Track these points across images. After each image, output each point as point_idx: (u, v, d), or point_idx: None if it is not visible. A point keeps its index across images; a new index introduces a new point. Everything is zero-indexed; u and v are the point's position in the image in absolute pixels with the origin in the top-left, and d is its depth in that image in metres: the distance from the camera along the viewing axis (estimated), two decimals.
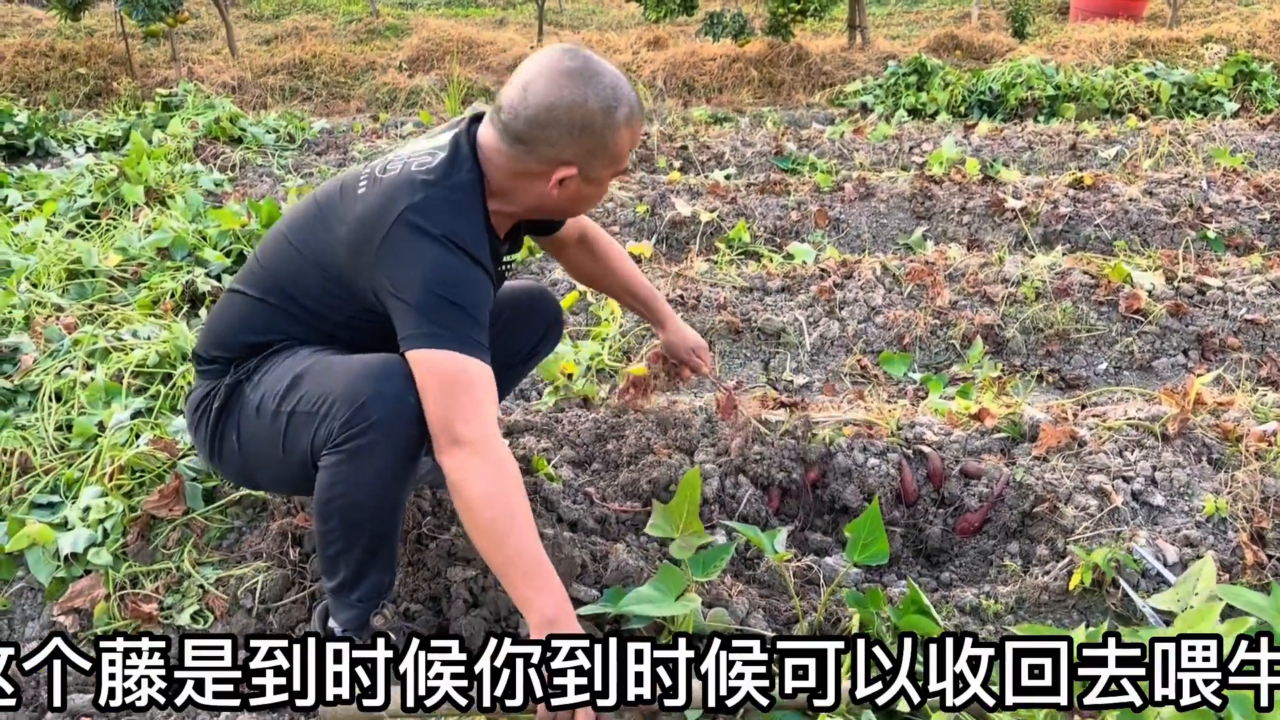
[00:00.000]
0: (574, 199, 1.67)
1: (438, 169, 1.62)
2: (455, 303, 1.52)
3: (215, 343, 1.73)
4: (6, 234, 3.29)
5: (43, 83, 7.03)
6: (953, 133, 5.17)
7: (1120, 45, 7.43)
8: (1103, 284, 3.02)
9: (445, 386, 1.49)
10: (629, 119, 1.61)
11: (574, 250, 2.09)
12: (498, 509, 1.46)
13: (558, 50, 1.60)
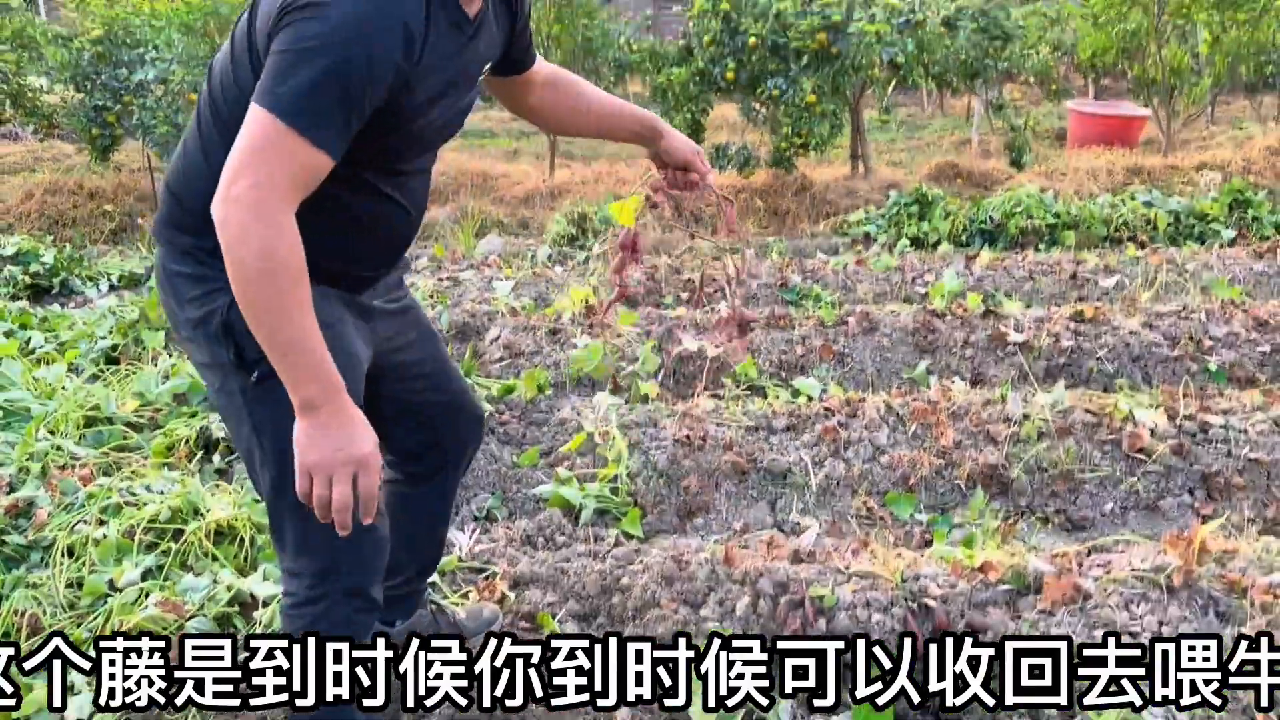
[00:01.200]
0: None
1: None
2: (336, 69, 1.36)
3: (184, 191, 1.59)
4: (28, 378, 3.37)
5: (70, 219, 7.26)
6: (954, 263, 5.28)
7: (1117, 172, 7.63)
8: (1105, 423, 3.04)
9: (250, 149, 1.36)
10: None
11: (543, 91, 1.93)
12: (264, 283, 1.37)
13: None
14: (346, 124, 1.41)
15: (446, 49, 1.53)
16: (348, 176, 1.52)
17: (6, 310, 4.37)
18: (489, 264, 5.94)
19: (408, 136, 1.58)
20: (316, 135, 1.38)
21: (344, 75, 1.37)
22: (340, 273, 1.65)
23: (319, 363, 1.41)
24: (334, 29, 1.37)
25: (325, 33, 1.36)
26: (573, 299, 4.65)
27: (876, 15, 6.91)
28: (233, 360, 1.53)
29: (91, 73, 7.35)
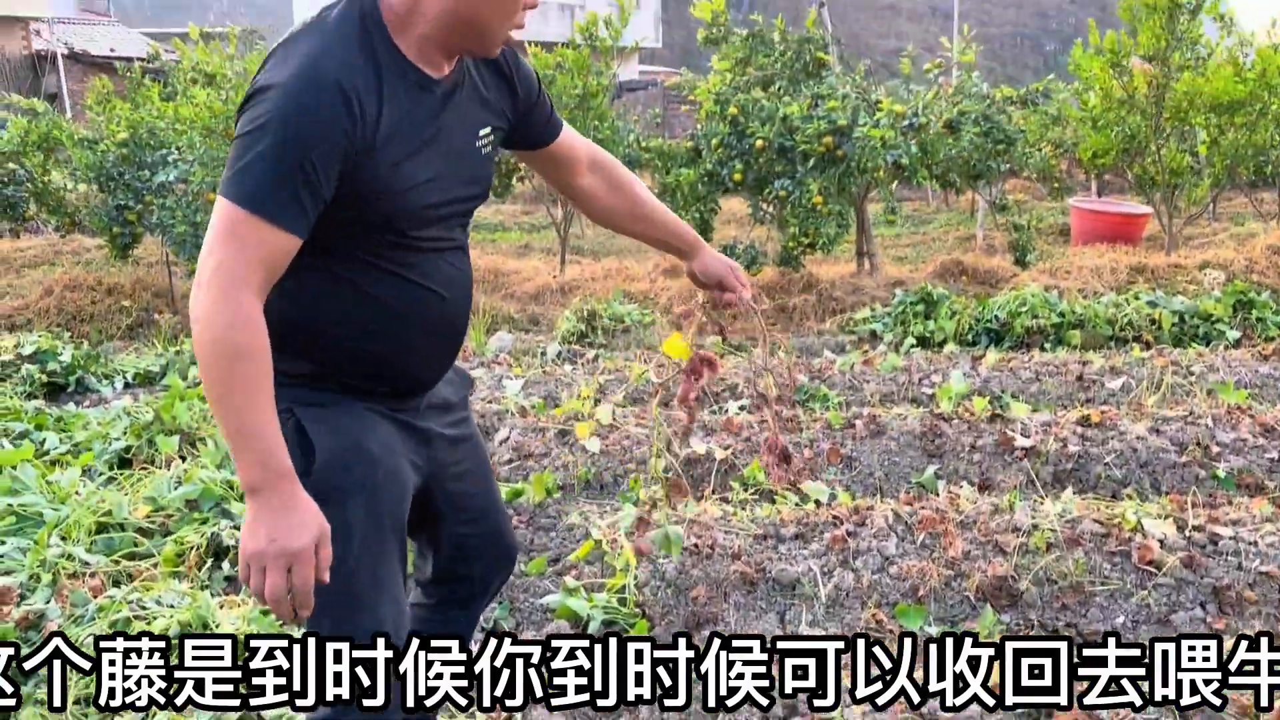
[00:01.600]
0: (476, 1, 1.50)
1: (302, 22, 1.55)
2: (278, 145, 1.39)
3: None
4: (42, 482, 3.40)
5: (87, 315, 7.38)
6: (961, 364, 5.32)
7: (1121, 270, 7.71)
8: (1114, 533, 3.04)
9: (212, 238, 1.41)
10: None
11: (588, 179, 1.92)
12: (216, 367, 1.39)
13: None
14: (303, 198, 1.43)
15: (412, 111, 1.54)
16: (354, 256, 1.56)
17: (23, 411, 4.42)
18: (499, 361, 6.01)
19: (399, 205, 1.56)
20: (273, 215, 1.41)
21: (289, 150, 1.40)
22: (378, 376, 1.64)
23: (266, 448, 1.42)
24: (275, 108, 1.41)
25: (268, 112, 1.41)
26: (582, 397, 4.70)
27: (881, 120, 7.08)
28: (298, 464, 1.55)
29: (115, 173, 7.56)
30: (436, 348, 1.71)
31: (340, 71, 1.44)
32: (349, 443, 1.58)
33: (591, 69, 8.26)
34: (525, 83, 1.78)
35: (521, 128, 1.80)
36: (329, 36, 1.48)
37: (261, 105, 1.42)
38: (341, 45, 1.48)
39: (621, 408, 4.65)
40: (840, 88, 7.61)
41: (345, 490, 1.57)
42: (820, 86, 7.82)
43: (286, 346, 1.56)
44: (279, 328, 1.53)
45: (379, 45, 1.50)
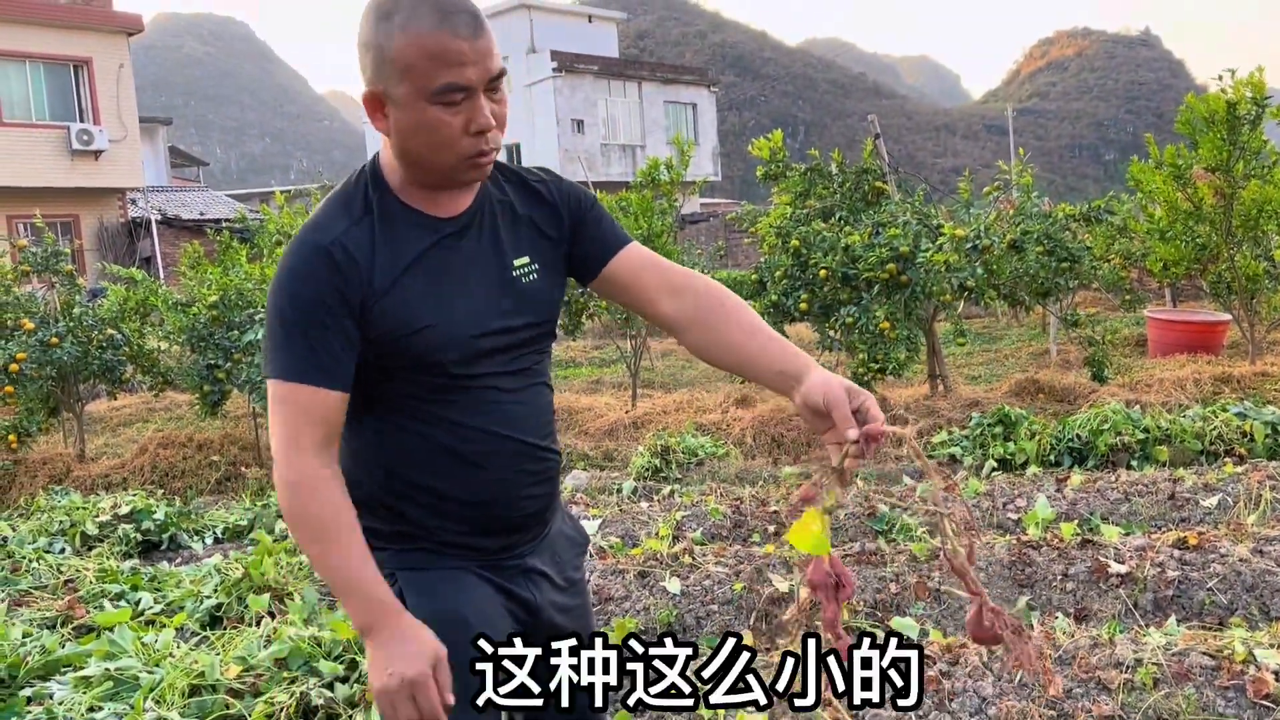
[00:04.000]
0: (404, 133, 1.50)
1: None
2: (282, 317, 1.51)
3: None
4: (137, 645, 3.47)
5: (179, 471, 7.63)
6: (1045, 486, 5.20)
7: (1204, 382, 7.53)
8: (1224, 666, 2.90)
9: (270, 414, 1.53)
10: (408, 22, 1.44)
11: (670, 305, 1.73)
12: (300, 531, 1.50)
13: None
14: (324, 354, 1.51)
15: (415, 252, 1.58)
16: (406, 403, 1.60)
17: (120, 571, 4.55)
18: (576, 500, 6.03)
19: (428, 343, 1.57)
20: (302, 376, 1.50)
21: (294, 317, 1.50)
22: (462, 521, 1.65)
23: (366, 592, 1.50)
24: (277, 283, 1.53)
25: (274, 288, 1.53)
26: (660, 536, 4.68)
27: (944, 245, 7.15)
28: None
29: (205, 334, 7.92)
30: (513, 485, 1.67)
31: (326, 233, 1.53)
32: (445, 610, 1.60)
33: (655, 209, 8.51)
34: (570, 201, 1.73)
35: (575, 247, 1.73)
36: (328, 202, 1.59)
37: (273, 282, 1.55)
38: (335, 206, 1.57)
39: (700, 545, 4.62)
40: (900, 215, 7.72)
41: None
42: (880, 214, 7.94)
43: (372, 505, 1.62)
44: (360, 487, 1.59)
45: (375, 196, 1.57)
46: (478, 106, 1.48)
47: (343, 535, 1.50)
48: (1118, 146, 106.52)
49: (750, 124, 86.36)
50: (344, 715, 2.96)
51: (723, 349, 1.70)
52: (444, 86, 1.44)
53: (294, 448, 1.49)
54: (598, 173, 31.38)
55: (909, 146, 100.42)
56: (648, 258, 1.75)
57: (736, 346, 1.68)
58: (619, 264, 1.73)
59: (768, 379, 1.66)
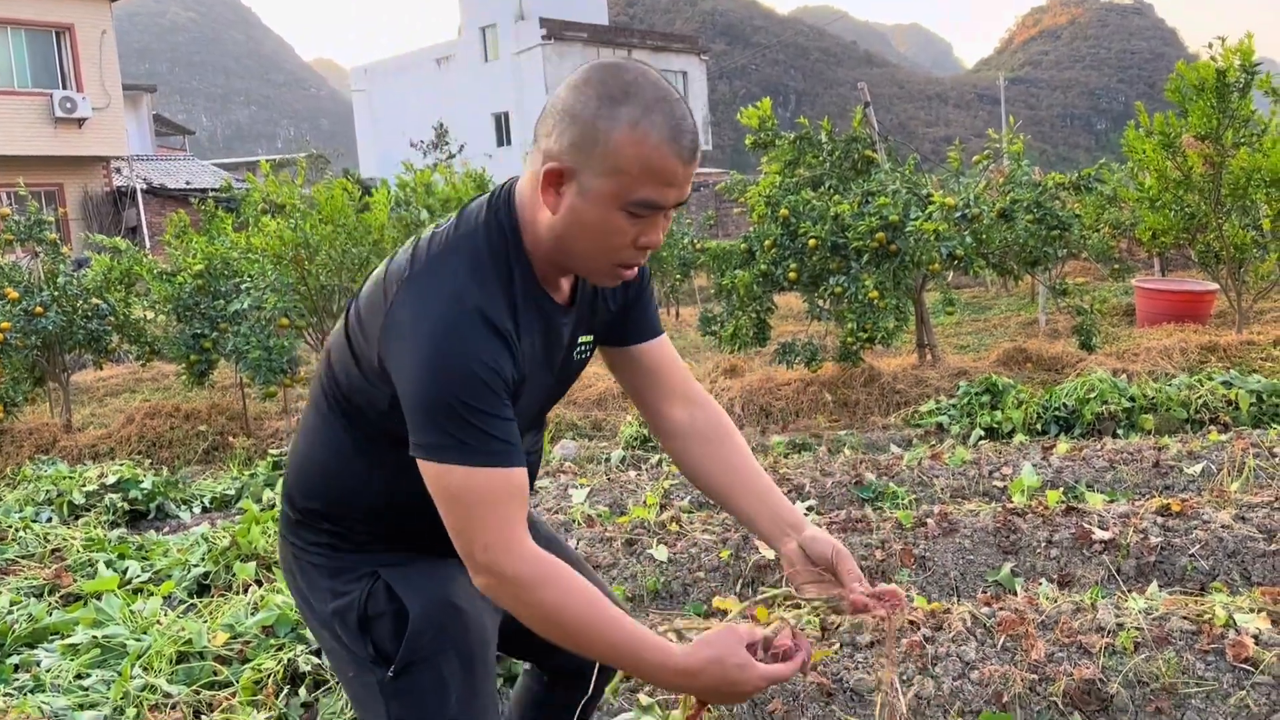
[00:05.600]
0: (576, 222, 1.39)
1: (449, 226, 1.47)
2: (454, 399, 1.33)
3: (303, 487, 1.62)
4: (125, 612, 3.48)
5: (166, 441, 7.61)
6: (1031, 454, 5.23)
7: (1191, 351, 7.56)
8: (1205, 630, 2.93)
9: (452, 505, 1.37)
10: (639, 121, 1.33)
11: (679, 412, 1.72)
12: (551, 630, 1.38)
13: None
14: (512, 428, 1.40)
15: (536, 342, 1.50)
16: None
17: (106, 540, 4.55)
18: (564, 469, 6.04)
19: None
20: (508, 459, 1.38)
21: (481, 392, 1.36)
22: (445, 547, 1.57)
23: (657, 661, 1.38)
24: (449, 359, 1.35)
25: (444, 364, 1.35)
26: (648, 504, 4.70)
27: (933, 214, 7.13)
28: (370, 655, 1.55)
29: (191, 303, 7.88)
30: None
31: (492, 310, 1.39)
32: (436, 598, 1.56)
33: None
34: (636, 280, 1.69)
35: (614, 323, 1.70)
36: (478, 266, 1.42)
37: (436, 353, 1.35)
38: (489, 275, 1.41)
39: (688, 514, 4.63)
40: (890, 183, 7.70)
41: (439, 649, 1.55)
42: (870, 183, 7.91)
43: (377, 519, 1.59)
44: (371, 505, 1.56)
45: (518, 272, 1.45)
46: (656, 224, 1.42)
47: (600, 612, 1.39)
48: (1109, 116, 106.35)
49: (741, 93, 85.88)
50: (331, 682, 2.97)
51: (721, 468, 1.69)
52: (643, 200, 1.37)
53: (516, 537, 1.37)
54: None
55: (900, 115, 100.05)
56: (676, 357, 1.75)
57: (735, 469, 1.68)
58: (649, 349, 1.71)
59: (759, 515, 1.66)
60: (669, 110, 1.35)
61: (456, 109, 33.69)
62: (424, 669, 1.52)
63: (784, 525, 1.65)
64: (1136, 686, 2.83)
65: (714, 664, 1.40)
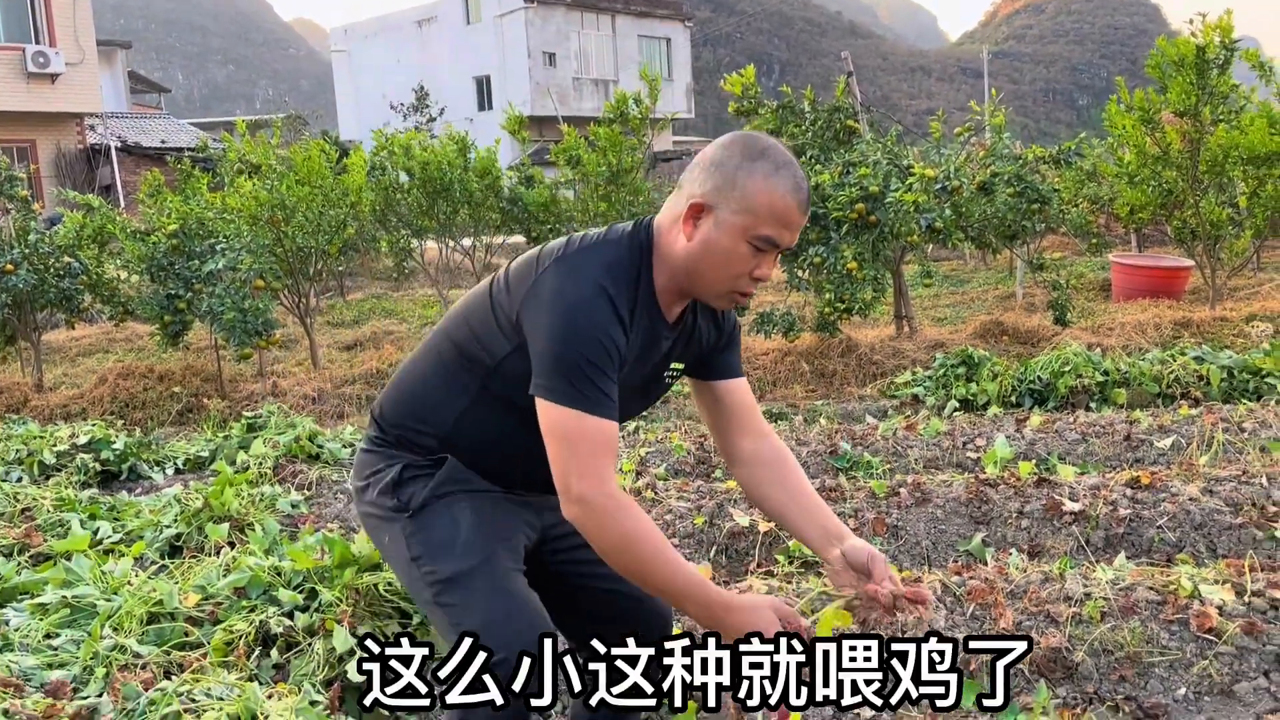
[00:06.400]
0: (708, 248, 1.70)
1: (597, 233, 1.80)
2: (581, 355, 1.62)
3: (387, 409, 1.94)
4: (96, 573, 3.45)
5: (139, 402, 7.55)
6: (1005, 426, 5.27)
7: (1165, 326, 7.62)
8: (1170, 600, 2.97)
9: (561, 442, 1.63)
10: (771, 174, 1.66)
11: (748, 444, 1.97)
12: (624, 557, 1.64)
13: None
14: (613, 390, 1.67)
15: (640, 352, 1.78)
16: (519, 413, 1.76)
17: (77, 500, 4.51)
18: None
19: None
20: (604, 409, 1.65)
21: (596, 354, 1.64)
22: (501, 475, 1.90)
23: (700, 597, 1.65)
24: (574, 321, 1.65)
25: (568, 325, 1.64)
26: (624, 470, 4.70)
27: (913, 185, 7.13)
28: (394, 505, 1.84)
29: (165, 263, 7.79)
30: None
31: (620, 299, 1.68)
32: (453, 478, 1.86)
33: (624, 145, 8.41)
34: (729, 324, 1.98)
35: (704, 358, 1.97)
36: (617, 262, 1.72)
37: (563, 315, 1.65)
38: (623, 277, 1.71)
39: (663, 480, 4.65)
40: (871, 154, 7.68)
41: (451, 497, 1.84)
42: (851, 154, 7.90)
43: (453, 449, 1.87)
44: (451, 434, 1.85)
45: (643, 281, 1.75)
46: (769, 260, 1.73)
47: (664, 552, 1.66)
48: (1091, 92, 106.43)
49: (725, 61, 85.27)
50: (304, 643, 2.97)
51: (779, 491, 1.95)
52: (767, 237, 1.69)
53: (607, 475, 1.64)
54: (569, 107, 30.93)
55: (884, 88, 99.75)
56: (750, 398, 2.02)
57: (790, 491, 1.94)
58: (729, 387, 1.98)
59: (810, 529, 1.92)
60: (794, 171, 1.69)
61: (437, 72, 33.29)
62: (434, 511, 1.80)
63: (830, 537, 1.88)
64: (1102, 655, 2.87)
65: (751, 610, 1.65)
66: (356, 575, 3.19)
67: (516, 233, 13.21)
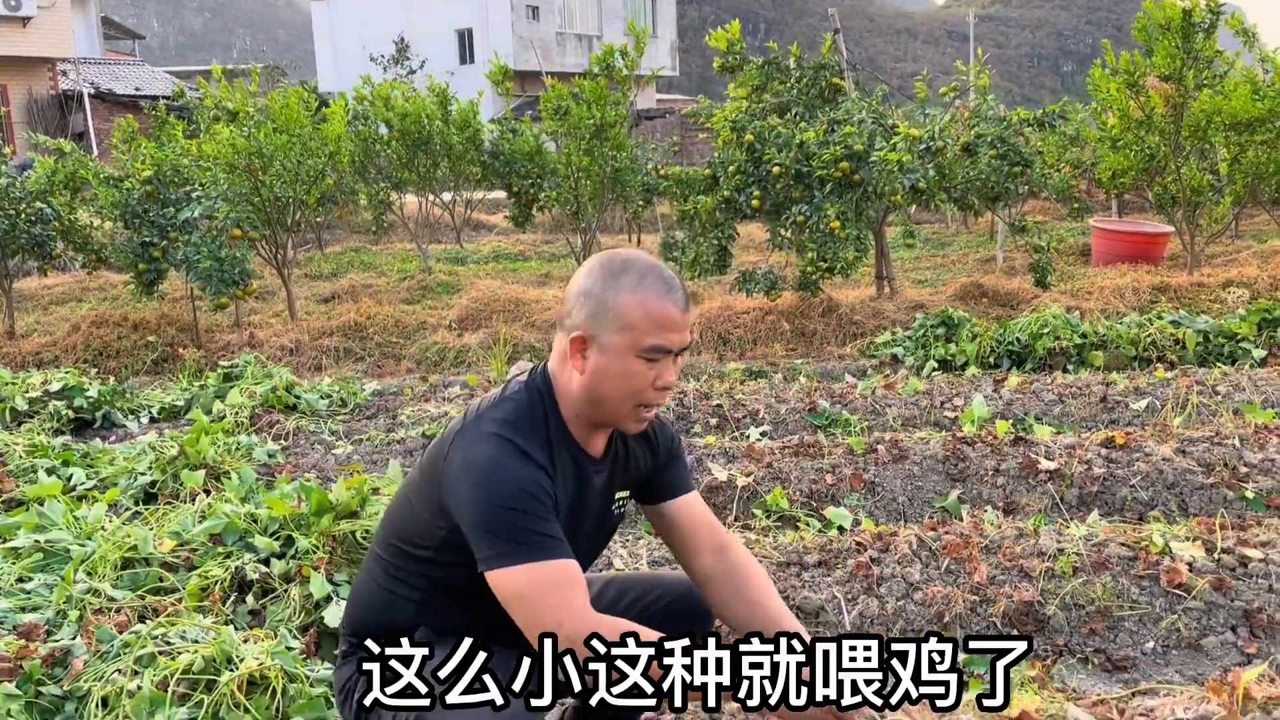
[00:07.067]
0: (601, 375, 1.68)
1: (493, 394, 1.78)
2: (509, 512, 1.59)
3: (351, 621, 1.88)
4: (69, 518, 3.42)
5: (113, 351, 7.46)
6: (983, 386, 5.29)
7: (1143, 290, 7.66)
8: (1141, 557, 3.00)
9: (523, 602, 1.58)
10: (637, 286, 1.65)
11: (709, 561, 1.91)
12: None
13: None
14: (559, 532, 1.64)
15: (574, 491, 1.76)
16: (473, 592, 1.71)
17: (50, 447, 4.47)
18: None
19: None
20: (559, 552, 1.61)
21: (531, 506, 1.61)
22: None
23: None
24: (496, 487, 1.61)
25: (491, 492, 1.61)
26: None
27: (898, 144, 7.09)
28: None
29: (140, 211, 7.66)
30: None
31: (535, 451, 1.67)
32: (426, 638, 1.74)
33: (609, 99, 8.32)
34: (666, 442, 1.95)
35: (644, 482, 1.94)
36: (521, 418, 1.70)
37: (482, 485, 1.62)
38: (527, 429, 1.69)
39: None
40: (856, 113, 7.63)
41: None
42: (836, 112, 7.84)
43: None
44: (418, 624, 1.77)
45: (552, 424, 1.73)
46: (669, 367, 1.70)
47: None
48: (1076, 58, 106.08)
49: (710, 18, 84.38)
50: (280, 590, 2.96)
51: (740, 602, 1.88)
52: (654, 346, 1.66)
53: (574, 608, 1.58)
54: (552, 63, 30.56)
55: (870, 49, 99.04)
56: (704, 512, 1.97)
57: (751, 600, 1.87)
58: (678, 507, 1.94)
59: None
60: (660, 274, 1.68)
61: (418, 23, 32.77)
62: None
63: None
64: (1073, 609, 2.90)
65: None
66: (334, 522, 3.18)
67: (497, 187, 13.09)
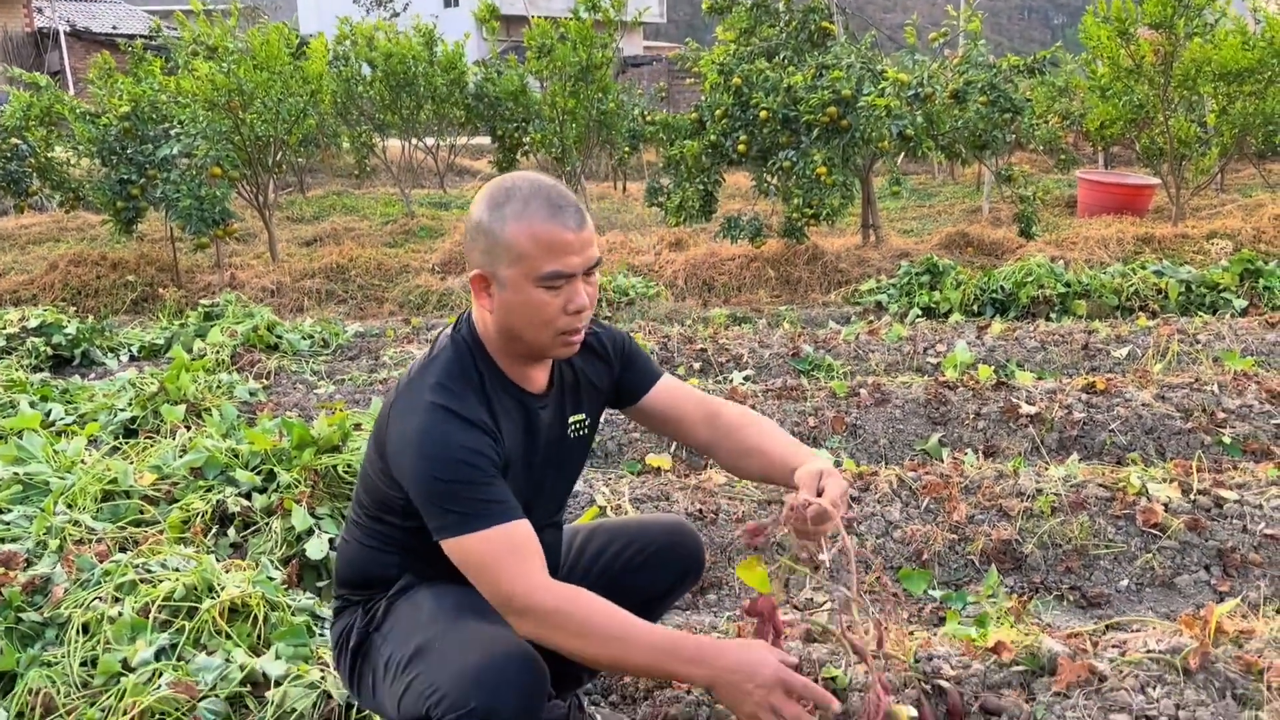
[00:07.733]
0: (508, 310, 1.63)
1: (424, 355, 1.74)
2: (449, 481, 1.55)
3: (340, 579, 1.85)
4: (48, 452, 3.40)
5: (92, 290, 7.38)
6: (966, 333, 5.30)
7: (1127, 241, 7.67)
8: (1118, 497, 3.03)
9: (479, 569, 1.56)
10: (522, 212, 1.57)
11: (705, 433, 1.92)
12: (593, 644, 1.53)
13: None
14: (506, 492, 1.60)
15: (516, 431, 1.71)
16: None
17: (29, 382, 4.43)
18: None
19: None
20: (510, 514, 1.57)
21: (473, 471, 1.57)
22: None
23: (685, 651, 1.54)
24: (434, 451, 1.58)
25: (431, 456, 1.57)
26: None
27: (886, 89, 7.03)
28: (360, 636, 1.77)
29: (118, 148, 7.54)
30: None
31: (469, 408, 1.62)
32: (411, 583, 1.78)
33: (595, 41, 8.20)
34: (617, 350, 1.91)
35: (617, 389, 1.93)
36: (449, 374, 1.65)
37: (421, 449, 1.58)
38: (459, 382, 1.65)
39: None
40: (845, 58, 7.55)
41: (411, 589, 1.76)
42: (825, 56, 7.76)
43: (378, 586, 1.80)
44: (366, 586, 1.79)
45: (485, 371, 1.68)
46: (576, 289, 1.62)
47: (631, 622, 1.55)
48: (1067, 11, 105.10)
49: None
50: (261, 523, 2.96)
51: (745, 457, 1.89)
52: (550, 273, 1.58)
53: (531, 578, 1.54)
54: (538, 7, 30.05)
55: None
56: (683, 390, 1.95)
57: (752, 451, 1.87)
58: (657, 395, 1.93)
59: (777, 474, 1.85)
60: (544, 195, 1.59)
61: None
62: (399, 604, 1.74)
63: (790, 469, 1.80)
64: (1050, 548, 2.94)
65: (744, 646, 1.56)
66: (315, 457, 3.17)
67: (482, 132, 12.93)
